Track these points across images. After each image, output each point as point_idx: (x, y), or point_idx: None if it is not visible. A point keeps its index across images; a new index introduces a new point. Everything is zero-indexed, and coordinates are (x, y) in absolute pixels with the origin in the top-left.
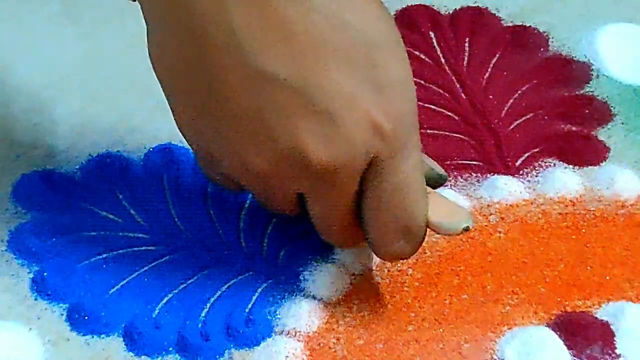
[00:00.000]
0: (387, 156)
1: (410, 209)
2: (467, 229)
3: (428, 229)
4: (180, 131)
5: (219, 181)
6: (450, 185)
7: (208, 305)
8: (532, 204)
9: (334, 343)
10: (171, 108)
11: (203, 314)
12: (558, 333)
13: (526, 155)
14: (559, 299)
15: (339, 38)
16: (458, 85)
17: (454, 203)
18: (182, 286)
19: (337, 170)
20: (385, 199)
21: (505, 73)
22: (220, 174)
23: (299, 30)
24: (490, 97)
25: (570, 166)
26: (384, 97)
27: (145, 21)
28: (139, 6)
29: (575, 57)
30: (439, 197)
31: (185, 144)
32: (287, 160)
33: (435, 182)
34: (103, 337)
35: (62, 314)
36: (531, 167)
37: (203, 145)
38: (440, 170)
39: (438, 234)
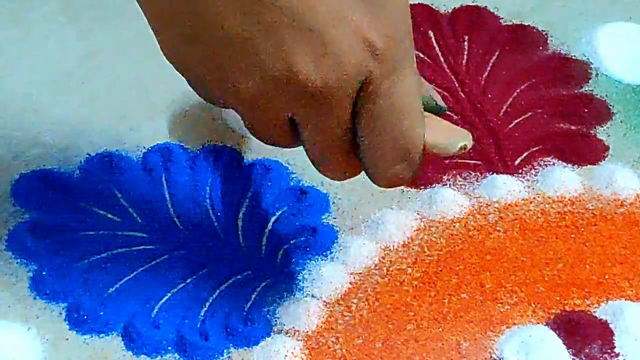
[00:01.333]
0: (381, 76)
1: (406, 130)
2: (464, 148)
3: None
4: (167, 58)
5: (212, 103)
6: (450, 184)
7: (207, 304)
8: (531, 203)
9: (333, 342)
10: (156, 36)
11: (202, 313)
12: (557, 332)
13: (525, 154)
14: (558, 298)
15: None
16: (457, 84)
17: (452, 125)
18: (180, 285)
19: (329, 90)
20: (381, 120)
21: (504, 72)
22: (212, 96)
23: None
24: (489, 96)
25: (570, 165)
26: (375, 13)
27: None
28: None
29: (574, 56)
30: (436, 120)
31: (184, 143)
32: (277, 83)
33: (433, 111)
34: (102, 337)
35: (61, 313)
36: (530, 166)
37: (191, 71)
38: (440, 101)
39: (436, 154)
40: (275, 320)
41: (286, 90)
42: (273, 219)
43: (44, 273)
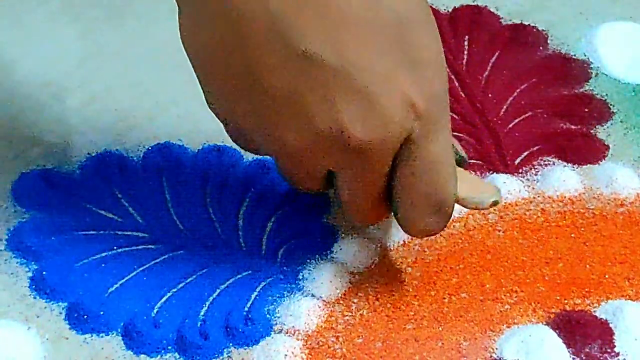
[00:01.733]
0: (421, 134)
1: (441, 185)
2: (495, 203)
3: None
4: (211, 109)
5: (247, 150)
6: None
7: (207, 303)
8: (531, 202)
9: (333, 342)
10: (202, 88)
11: (202, 313)
12: (557, 331)
13: (525, 153)
14: (558, 298)
15: (373, 16)
16: (457, 84)
17: (481, 179)
18: (181, 285)
19: (373, 148)
20: (418, 176)
21: (504, 71)
22: (253, 146)
23: (334, 8)
24: (490, 95)
25: (570, 164)
26: (418, 75)
27: (177, 3)
28: None
29: (575, 55)
30: (466, 174)
31: (184, 143)
32: (323, 138)
33: (457, 162)
34: (102, 336)
35: (61, 313)
36: (530, 165)
37: (236, 122)
38: (462, 151)
39: (467, 208)
40: (276, 320)
41: (331, 146)
42: (273, 218)
43: (44, 272)
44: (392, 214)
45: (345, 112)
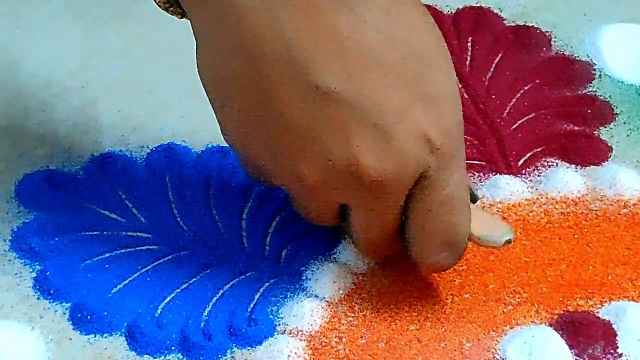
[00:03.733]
0: (436, 170)
1: (455, 222)
2: (509, 242)
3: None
4: (227, 142)
5: (260, 182)
6: None
7: (211, 304)
8: (534, 203)
9: (336, 342)
10: (219, 121)
11: (206, 314)
12: (560, 333)
13: (529, 155)
14: (561, 299)
15: (389, 51)
16: (461, 85)
17: (494, 217)
18: (184, 286)
19: (388, 183)
20: (433, 212)
21: (508, 73)
22: (268, 179)
23: (350, 43)
24: (493, 97)
25: (573, 166)
26: (433, 110)
27: (195, 36)
28: (167, 15)
29: (578, 57)
30: (480, 211)
31: (188, 144)
32: (338, 173)
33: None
34: (106, 337)
35: (65, 314)
36: (534, 167)
37: (251, 155)
38: (475, 189)
39: (480, 246)
40: (279, 321)
41: (346, 180)
42: (277, 219)
43: (48, 273)
44: (406, 248)
45: (360, 147)
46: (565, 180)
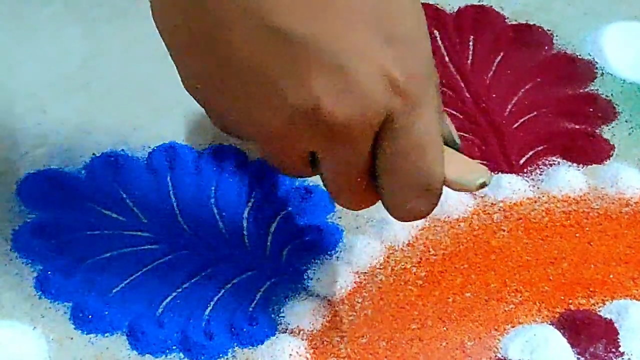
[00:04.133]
0: (403, 112)
1: (426, 166)
2: (483, 185)
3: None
4: (186, 89)
5: (230, 134)
6: None
7: (212, 303)
8: (535, 202)
9: (337, 341)
10: (176, 66)
11: (207, 313)
12: (562, 331)
13: (530, 153)
14: (562, 297)
15: None
16: (462, 84)
17: (471, 160)
18: (185, 285)
19: (352, 126)
20: (402, 156)
21: (509, 71)
22: (233, 129)
23: None
24: (494, 95)
25: (575, 164)
26: (397, 50)
27: None
28: None
29: (580, 55)
30: (455, 154)
31: (189, 143)
32: (299, 118)
33: (449, 145)
34: (107, 336)
35: (66, 313)
36: (535, 165)
37: (210, 102)
38: (456, 136)
39: (454, 190)
40: (280, 320)
41: (309, 125)
42: (278, 218)
43: (49, 273)
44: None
45: (318, 88)
46: (567, 179)
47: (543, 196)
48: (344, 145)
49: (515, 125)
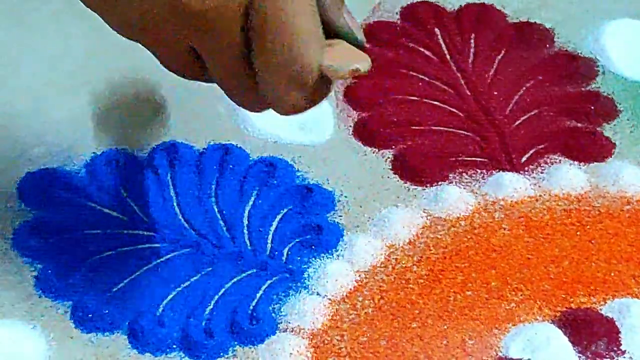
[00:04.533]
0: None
1: (297, 53)
2: (356, 71)
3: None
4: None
5: (124, 35)
6: (455, 181)
7: (212, 302)
8: (537, 200)
9: (338, 340)
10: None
11: (207, 312)
12: (563, 329)
13: (531, 151)
14: (563, 296)
15: None
16: (463, 82)
17: (357, 50)
18: (186, 284)
19: (212, 15)
20: (270, 43)
21: (510, 69)
22: (117, 31)
23: None
24: (495, 93)
25: (576, 162)
26: None
27: None
28: None
29: (581, 53)
30: (341, 45)
31: (190, 142)
32: (161, 9)
33: (351, 42)
34: (107, 335)
35: (66, 312)
36: (536, 163)
37: (92, 7)
38: (359, 33)
39: (331, 77)
40: (281, 318)
41: (172, 16)
42: (278, 216)
43: (49, 272)
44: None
45: None
46: (568, 177)
47: (544, 194)
48: (212, 36)
49: (517, 124)
